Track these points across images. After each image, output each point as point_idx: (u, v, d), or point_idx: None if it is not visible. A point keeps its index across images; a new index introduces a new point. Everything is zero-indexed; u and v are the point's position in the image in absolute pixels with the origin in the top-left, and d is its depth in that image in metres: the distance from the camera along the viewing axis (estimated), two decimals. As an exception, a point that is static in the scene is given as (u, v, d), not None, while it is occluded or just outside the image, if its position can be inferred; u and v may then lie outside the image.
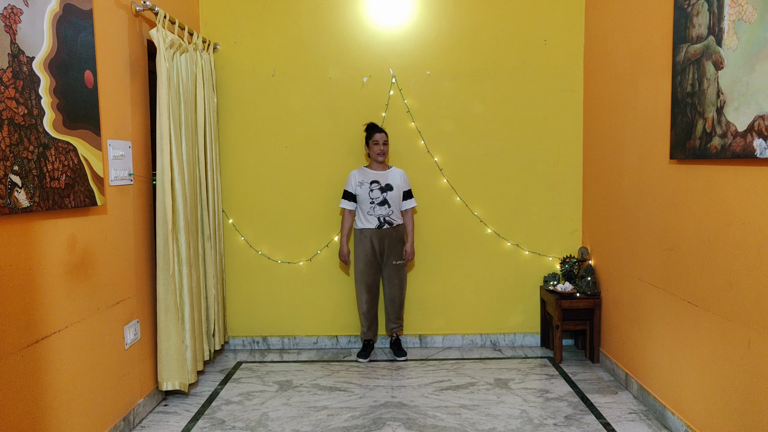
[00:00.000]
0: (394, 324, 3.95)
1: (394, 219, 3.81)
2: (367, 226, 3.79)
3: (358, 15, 4.02)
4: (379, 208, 3.76)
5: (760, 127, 2.05)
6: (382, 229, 3.78)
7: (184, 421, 3.00)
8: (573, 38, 4.00)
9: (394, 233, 3.82)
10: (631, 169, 3.25)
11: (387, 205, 3.77)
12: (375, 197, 3.76)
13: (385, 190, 3.76)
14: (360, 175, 3.81)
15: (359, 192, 3.78)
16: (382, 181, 3.78)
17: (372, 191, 3.76)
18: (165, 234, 3.03)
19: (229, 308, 4.16)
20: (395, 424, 2.93)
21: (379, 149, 3.75)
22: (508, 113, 4.05)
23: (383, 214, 3.77)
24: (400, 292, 3.91)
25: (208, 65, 3.75)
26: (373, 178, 3.79)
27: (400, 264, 3.86)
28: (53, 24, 2.23)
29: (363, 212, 3.79)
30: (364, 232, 3.80)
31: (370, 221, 3.78)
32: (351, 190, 3.82)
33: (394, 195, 3.78)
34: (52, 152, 2.22)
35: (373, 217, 3.77)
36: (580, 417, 2.97)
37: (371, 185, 3.77)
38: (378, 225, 3.77)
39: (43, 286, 2.22)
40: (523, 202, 4.10)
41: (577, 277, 3.93)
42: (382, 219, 3.77)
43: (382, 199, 3.76)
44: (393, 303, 3.92)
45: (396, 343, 3.99)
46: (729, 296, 2.32)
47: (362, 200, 3.78)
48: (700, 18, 2.44)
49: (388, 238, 3.79)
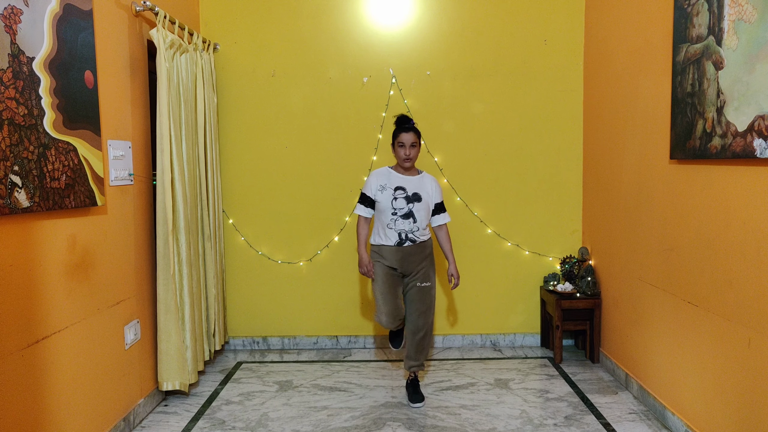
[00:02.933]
0: (414, 362, 3.18)
1: (419, 236, 3.10)
2: (383, 243, 3.10)
3: (358, 15, 4.02)
4: (402, 221, 3.06)
5: (760, 127, 2.05)
6: (403, 247, 3.08)
7: (185, 421, 3.00)
8: (573, 38, 4.01)
9: (419, 250, 3.12)
10: (631, 169, 3.25)
11: (412, 219, 3.06)
12: (398, 207, 3.05)
13: (412, 200, 3.06)
14: (384, 178, 3.11)
15: (380, 198, 3.07)
16: (409, 189, 3.07)
17: (396, 200, 3.05)
18: (165, 234, 3.03)
19: (229, 308, 4.16)
20: (395, 424, 2.93)
21: (404, 153, 3.03)
22: (508, 113, 4.05)
23: (406, 229, 3.06)
24: (425, 321, 3.12)
25: (208, 65, 3.75)
26: (399, 183, 3.08)
27: (426, 287, 3.13)
28: (53, 24, 2.23)
29: (381, 224, 3.10)
30: (382, 250, 3.11)
31: (389, 237, 3.08)
32: (370, 194, 3.11)
33: (422, 207, 3.08)
34: (53, 152, 2.22)
35: (393, 231, 3.06)
36: (580, 417, 2.97)
37: (395, 192, 3.07)
38: (398, 242, 3.07)
39: (44, 286, 2.22)
40: (523, 203, 4.10)
41: (577, 277, 3.93)
42: (404, 235, 3.07)
43: (406, 211, 3.06)
44: (415, 335, 3.13)
45: (413, 384, 3.22)
46: (729, 296, 2.32)
47: (382, 209, 3.08)
48: (700, 18, 2.44)
49: (413, 256, 3.10)
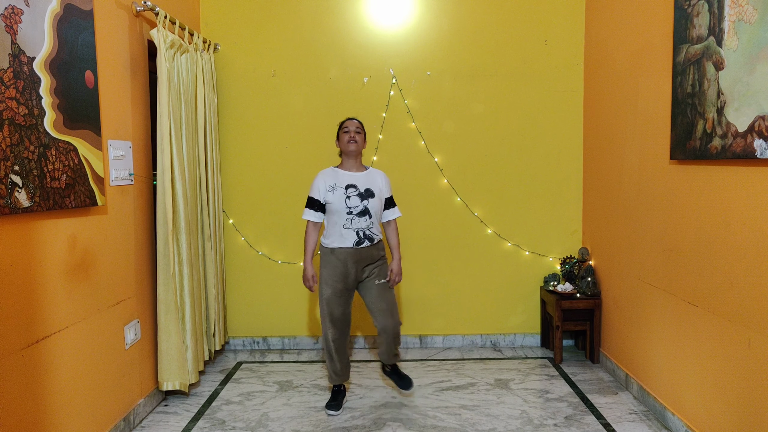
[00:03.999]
0: (387, 358, 3.15)
1: (375, 233, 3.03)
2: (340, 245, 2.97)
3: (359, 15, 4.02)
4: (359, 219, 2.96)
5: (761, 127, 2.05)
6: (361, 247, 2.98)
7: (185, 421, 3.00)
8: (573, 38, 4.01)
9: (374, 251, 3.05)
10: (631, 170, 3.25)
11: (368, 216, 2.98)
12: (353, 206, 2.96)
13: (365, 197, 2.97)
14: (331, 178, 3.01)
15: (331, 199, 2.96)
16: (360, 185, 2.99)
17: (349, 198, 2.96)
18: (165, 234, 3.03)
19: (229, 308, 4.16)
20: (395, 424, 2.92)
21: (348, 137, 2.99)
22: (509, 113, 4.05)
23: (363, 227, 2.97)
24: (392, 319, 3.03)
25: (209, 65, 3.75)
26: (349, 181, 2.99)
27: (384, 284, 3.06)
28: (54, 24, 2.23)
29: (336, 226, 2.98)
30: (337, 253, 2.98)
31: (346, 238, 2.96)
32: (319, 197, 3.00)
33: (375, 203, 3.00)
34: (53, 152, 2.22)
35: (350, 231, 2.96)
36: (580, 417, 2.97)
37: (347, 190, 2.97)
38: (356, 242, 2.97)
39: (44, 286, 2.22)
40: (524, 203, 4.10)
41: (577, 277, 3.93)
42: (362, 234, 2.97)
43: (362, 209, 2.97)
44: (386, 334, 3.04)
45: (394, 370, 3.22)
46: (729, 296, 2.32)
47: (335, 210, 2.97)
48: (700, 18, 2.44)
49: (368, 258, 3.02)
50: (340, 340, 3.06)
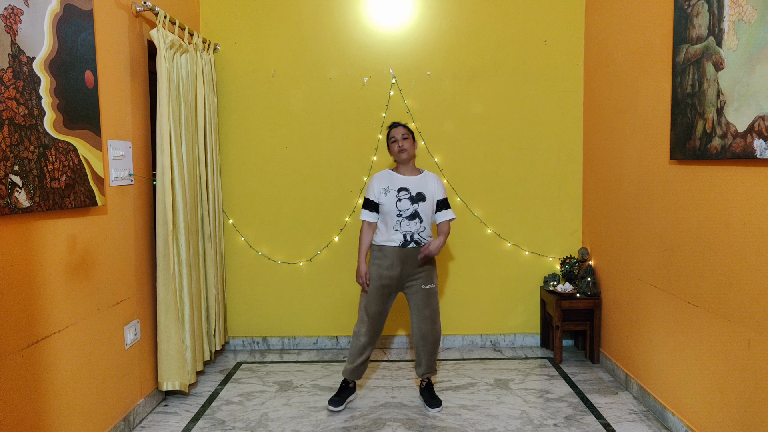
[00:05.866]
0: (426, 369, 3.17)
1: (424, 237, 3.07)
2: (388, 243, 3.06)
3: (358, 15, 4.02)
4: (408, 222, 3.04)
5: (760, 127, 2.05)
6: (407, 248, 3.05)
7: (184, 421, 3.00)
8: (573, 39, 4.01)
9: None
10: (631, 170, 3.25)
11: (418, 220, 3.04)
12: (403, 209, 3.03)
13: (416, 201, 3.05)
14: (385, 180, 3.10)
15: (384, 201, 3.06)
16: (412, 189, 3.07)
17: (400, 201, 3.04)
18: (165, 234, 3.03)
19: (229, 308, 4.16)
20: (395, 424, 2.93)
21: (398, 146, 3.07)
22: (509, 113, 4.05)
23: (411, 230, 3.04)
24: (433, 326, 3.09)
25: (209, 66, 3.75)
26: (402, 184, 3.07)
27: (430, 289, 3.10)
28: (54, 24, 2.23)
29: (387, 226, 3.07)
30: (384, 250, 3.07)
31: (394, 238, 3.05)
32: (373, 198, 3.09)
33: (426, 207, 3.07)
34: (53, 152, 2.22)
35: (398, 233, 3.04)
36: (580, 417, 2.97)
37: (399, 193, 3.05)
38: (402, 243, 3.04)
39: (44, 286, 2.22)
40: (523, 203, 4.10)
41: (577, 277, 3.93)
42: (409, 237, 3.04)
43: (412, 212, 3.04)
44: (425, 341, 3.10)
45: (428, 389, 3.20)
46: (729, 296, 2.33)
47: (387, 211, 3.06)
48: (700, 18, 2.44)
49: (414, 259, 3.06)
50: (369, 338, 3.10)
